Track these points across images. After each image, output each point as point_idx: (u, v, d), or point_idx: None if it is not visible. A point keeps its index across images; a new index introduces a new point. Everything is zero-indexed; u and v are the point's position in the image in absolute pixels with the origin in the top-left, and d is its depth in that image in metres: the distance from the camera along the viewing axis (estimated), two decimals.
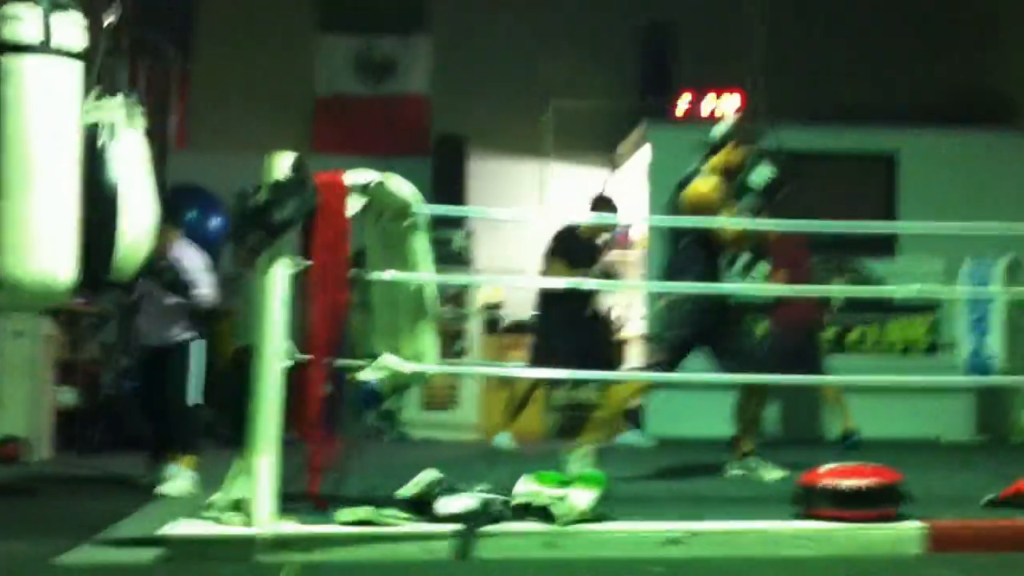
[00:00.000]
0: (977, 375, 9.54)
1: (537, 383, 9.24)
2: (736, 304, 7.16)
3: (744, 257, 8.63)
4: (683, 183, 6.91)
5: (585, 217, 9.40)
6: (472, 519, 5.03)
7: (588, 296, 9.21)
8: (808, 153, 10.35)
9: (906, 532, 5.27)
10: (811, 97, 10.71)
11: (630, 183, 10.93)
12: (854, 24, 11.29)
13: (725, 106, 10.53)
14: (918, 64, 10.91)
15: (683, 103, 10.52)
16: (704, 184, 6.77)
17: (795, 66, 11.07)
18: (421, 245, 5.54)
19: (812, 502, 5.41)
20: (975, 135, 10.29)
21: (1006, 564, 5.03)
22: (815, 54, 11.18)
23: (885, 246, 10.27)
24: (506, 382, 9.60)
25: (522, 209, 11.21)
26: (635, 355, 10.45)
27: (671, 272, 6.92)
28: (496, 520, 5.07)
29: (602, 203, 9.24)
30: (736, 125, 7.02)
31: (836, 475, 5.47)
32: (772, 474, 6.85)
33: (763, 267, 8.73)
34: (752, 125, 7.12)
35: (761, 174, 6.72)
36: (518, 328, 10.51)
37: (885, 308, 10.22)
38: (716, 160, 6.89)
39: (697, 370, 8.62)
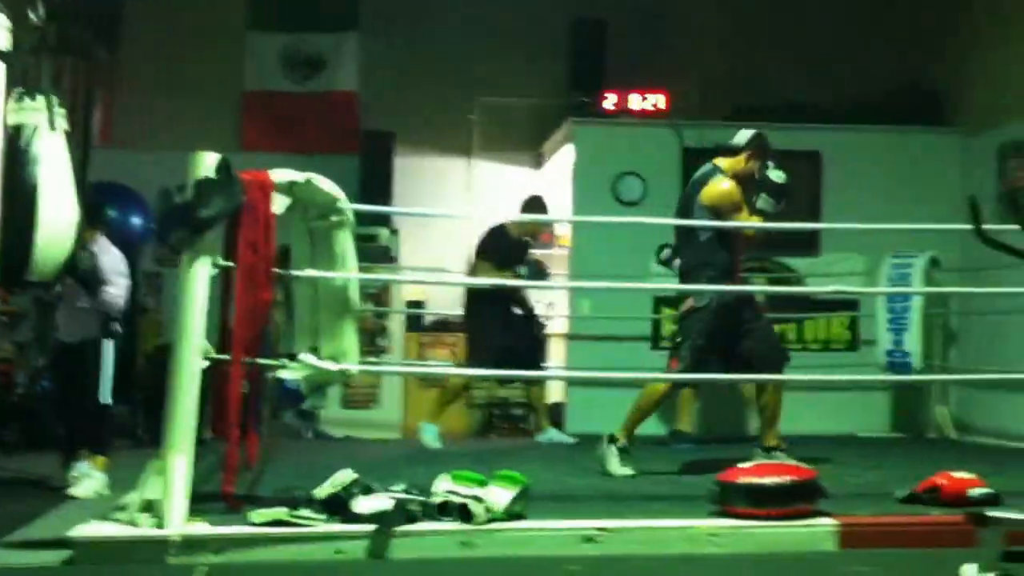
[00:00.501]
0: (894, 372, 9.65)
1: (467, 381, 9.24)
2: (752, 309, 7.24)
3: (665, 252, 8.73)
4: (698, 182, 7.12)
5: (514, 215, 9.40)
6: (387, 519, 5.00)
7: (517, 295, 9.19)
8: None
9: (820, 529, 5.32)
10: (738, 95, 10.76)
11: (555, 180, 10.94)
12: (783, 22, 11.36)
13: (652, 103, 10.55)
14: (847, 62, 10.99)
15: (610, 101, 10.53)
16: (726, 183, 6.99)
17: (723, 64, 11.13)
18: (345, 244, 5.54)
19: (729, 499, 5.45)
20: (901, 133, 10.41)
21: (918, 559, 5.08)
22: (743, 52, 11.24)
23: (808, 244, 10.36)
24: (430, 380, 9.58)
25: (448, 207, 11.18)
26: (557, 353, 10.46)
27: (688, 271, 7.15)
28: (412, 520, 5.06)
29: (534, 202, 9.24)
30: (756, 135, 7.21)
31: (753, 473, 5.52)
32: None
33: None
34: (766, 139, 7.22)
35: (777, 175, 7.07)
36: (442, 326, 10.50)
37: (806, 306, 10.29)
38: (731, 164, 7.11)
39: (623, 368, 8.74)
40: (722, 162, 7.16)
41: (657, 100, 10.54)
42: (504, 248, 8.98)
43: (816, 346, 10.52)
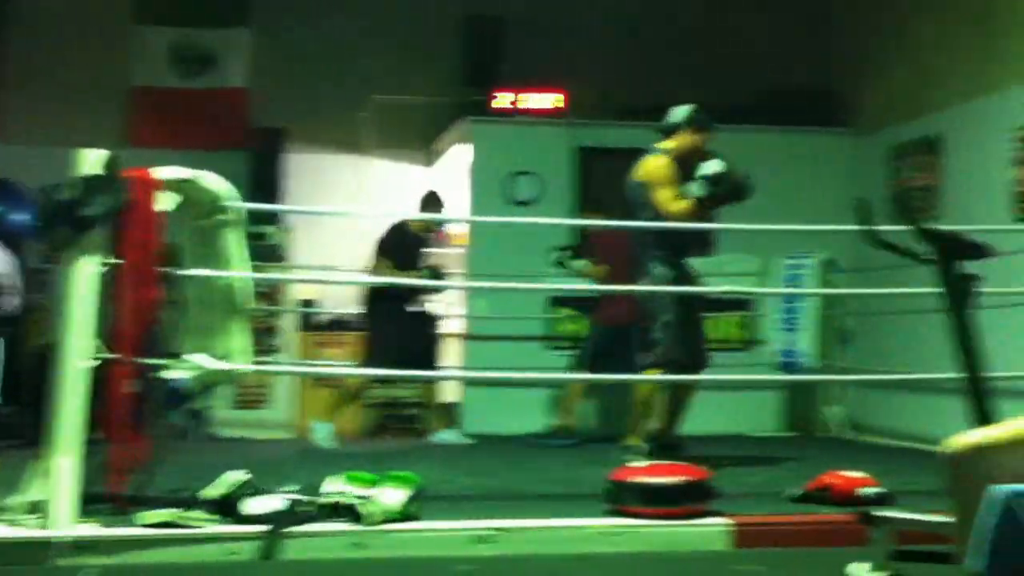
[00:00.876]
0: (788, 372, 9.75)
1: (367, 381, 9.15)
2: (700, 301, 7.33)
3: (557, 253, 8.75)
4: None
5: (411, 213, 9.32)
6: (277, 520, 4.94)
7: (415, 294, 9.11)
8: (630, 150, 10.45)
9: (713, 528, 5.34)
10: (634, 95, 10.80)
11: (449, 179, 10.89)
12: (679, 22, 11.43)
13: (547, 102, 10.55)
14: (741, 62, 11.08)
15: (505, 99, 10.50)
16: (653, 160, 7.03)
17: (619, 63, 11.16)
18: (234, 242, 5.48)
19: (622, 499, 5.46)
20: (795, 133, 10.51)
21: (809, 558, 5.12)
22: (639, 51, 11.28)
23: (705, 243, 10.38)
24: (323, 380, 9.48)
25: (340, 204, 11.05)
26: (453, 353, 10.40)
27: (636, 254, 7.21)
28: (303, 521, 5.00)
29: (431, 199, 9.17)
30: (692, 112, 7.19)
31: (646, 472, 5.53)
32: None
33: (580, 263, 8.87)
34: (706, 115, 7.21)
35: (709, 165, 6.92)
36: (335, 325, 10.38)
37: (700, 305, 10.31)
38: (668, 143, 7.14)
39: (520, 368, 8.72)
40: (663, 143, 7.17)
41: (553, 99, 10.53)
42: (404, 246, 8.90)
43: (712, 345, 10.55)
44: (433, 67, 11.25)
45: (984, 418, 3.90)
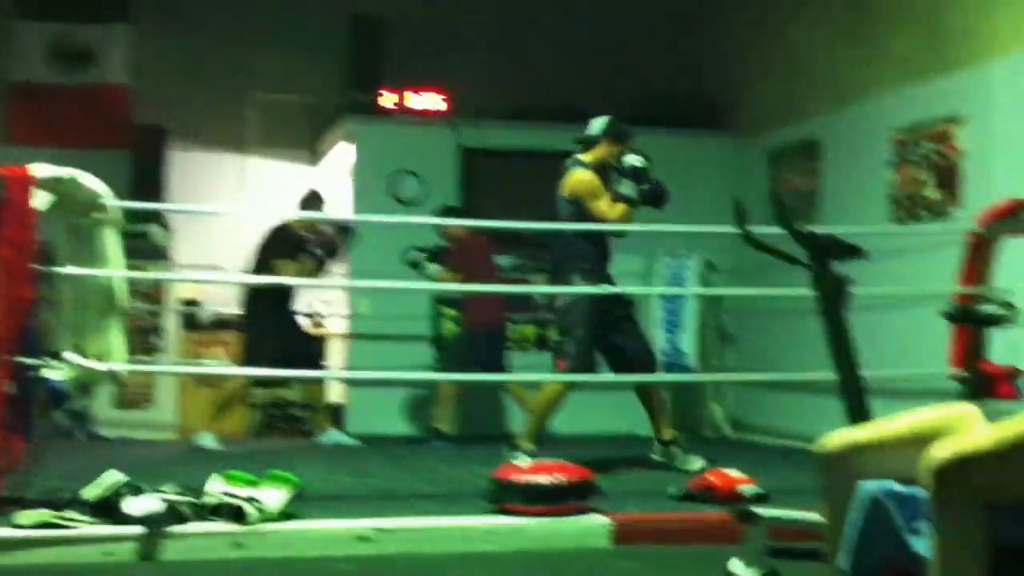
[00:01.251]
0: (670, 372, 9.84)
1: (247, 382, 9.04)
2: (624, 302, 7.31)
3: (413, 254, 8.73)
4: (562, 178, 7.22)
5: (293, 213, 9.21)
6: (157, 520, 4.89)
7: (292, 293, 9.03)
8: (514, 151, 10.51)
9: (594, 526, 5.39)
10: (518, 96, 10.83)
11: (334, 178, 10.81)
12: (563, 24, 11.48)
13: (431, 102, 10.53)
14: (625, 65, 11.17)
15: (390, 100, 10.45)
16: (578, 175, 7.11)
17: (503, 64, 11.18)
18: (111, 241, 5.44)
19: (504, 497, 5.48)
20: (677, 136, 10.60)
21: (688, 556, 5.18)
22: (523, 52, 11.30)
23: None
24: (207, 380, 9.34)
25: (224, 203, 10.90)
26: (335, 353, 10.34)
27: (556, 267, 7.23)
28: (182, 521, 4.94)
29: (312, 198, 9.07)
30: (609, 123, 7.28)
31: (528, 471, 5.55)
32: (694, 464, 7.05)
33: (434, 268, 8.88)
34: (624, 124, 7.33)
35: (635, 159, 7.13)
36: (218, 325, 10.24)
37: None
38: (590, 155, 7.20)
39: (405, 368, 8.70)
40: (582, 155, 7.23)
41: (436, 100, 10.51)
42: (287, 245, 8.80)
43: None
44: (318, 66, 11.14)
45: (859, 417, 3.95)
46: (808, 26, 9.74)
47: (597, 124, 7.29)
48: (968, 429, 2.66)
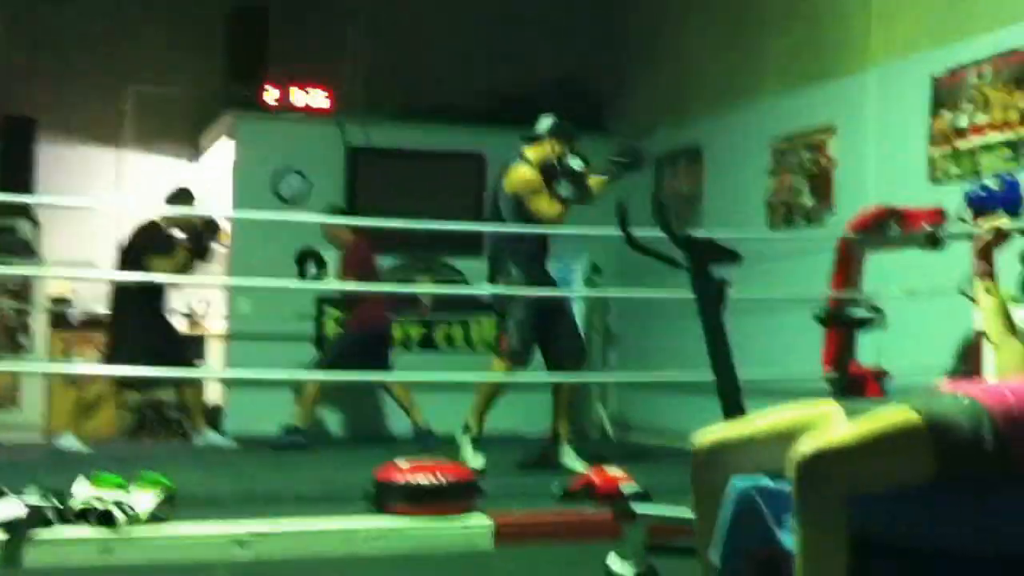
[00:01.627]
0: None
1: (113, 382, 8.77)
2: (560, 304, 7.42)
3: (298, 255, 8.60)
4: (503, 172, 7.31)
5: (165, 209, 8.96)
6: (20, 526, 4.70)
7: (164, 291, 8.76)
8: (400, 151, 10.42)
9: (476, 527, 5.36)
10: (404, 94, 10.74)
11: (214, 175, 10.60)
12: (447, 23, 11.41)
13: (315, 99, 10.37)
14: (512, 65, 11.13)
15: (272, 95, 10.26)
16: (524, 170, 7.17)
17: (390, 62, 11.05)
18: None
19: (387, 499, 5.42)
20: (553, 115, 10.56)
21: (569, 554, 5.17)
22: (410, 50, 11.20)
23: (473, 245, 10.38)
24: (75, 381, 9.07)
25: (98, 198, 10.57)
26: (215, 352, 10.15)
27: (495, 260, 7.28)
28: (47, 525, 4.77)
29: (181, 194, 8.82)
30: (555, 123, 7.35)
31: (411, 472, 5.49)
32: (577, 464, 7.06)
33: (324, 276, 8.76)
34: (571, 125, 7.41)
35: (575, 162, 7.24)
36: (89, 324, 9.95)
37: (471, 307, 10.35)
38: (535, 152, 7.26)
39: (279, 368, 8.55)
40: (527, 151, 7.29)
41: (321, 96, 10.35)
42: (158, 242, 8.56)
43: (482, 347, 10.60)
44: (198, 59, 10.88)
45: (734, 416, 3.99)
46: (693, 32, 9.82)
47: (545, 122, 7.39)
48: (830, 425, 2.75)
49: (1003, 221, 3.61)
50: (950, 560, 2.64)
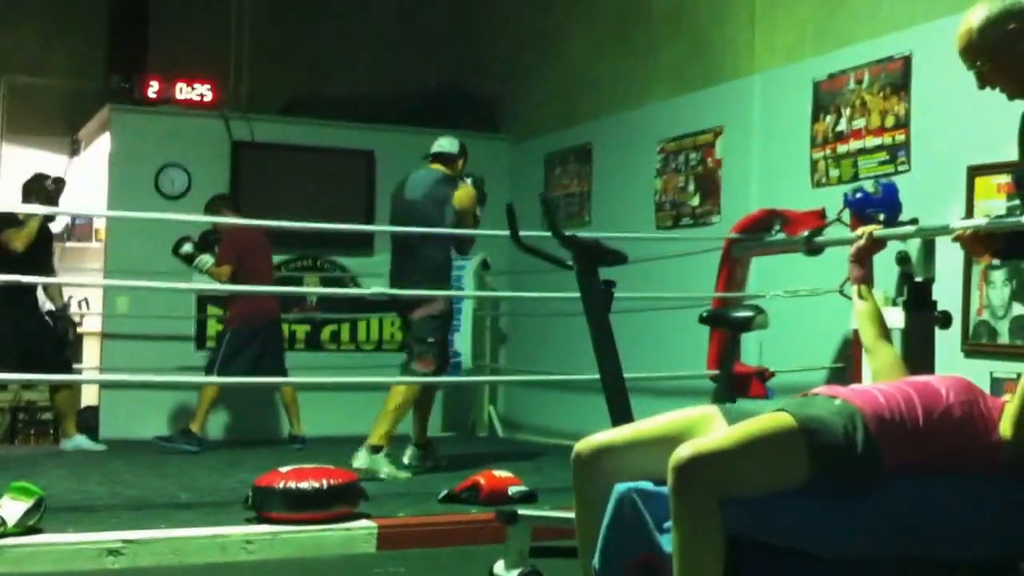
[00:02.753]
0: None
1: None
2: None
3: (187, 247, 8.37)
4: (422, 185, 7.32)
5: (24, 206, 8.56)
6: None
7: (34, 291, 8.44)
8: (287, 147, 10.25)
9: (358, 531, 5.31)
10: (291, 90, 10.60)
11: (94, 168, 10.34)
12: (335, 20, 11.30)
13: (199, 93, 10.15)
14: (402, 62, 11.07)
15: (154, 88, 10.00)
16: (469, 189, 7.28)
17: (274, 57, 10.89)
18: None
19: (266, 505, 5.31)
20: (455, 137, 10.49)
21: (453, 557, 5.15)
22: (296, 44, 11.06)
23: (362, 243, 10.29)
24: None
25: None
26: (93, 352, 9.88)
27: (422, 275, 7.13)
28: None
29: (35, 182, 8.44)
30: (463, 144, 7.52)
31: (292, 477, 5.39)
32: (402, 474, 7.01)
33: (205, 260, 8.49)
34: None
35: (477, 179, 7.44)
36: None
37: (359, 306, 10.25)
38: (450, 170, 7.37)
39: (167, 370, 8.37)
40: (443, 168, 7.36)
41: (204, 90, 10.12)
42: (11, 216, 8.22)
43: (369, 346, 10.51)
44: (76, 50, 10.62)
45: (620, 416, 3.99)
46: (582, 33, 9.83)
47: (454, 144, 7.48)
48: (708, 429, 2.83)
49: (877, 227, 3.67)
50: (824, 562, 2.67)
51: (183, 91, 9.98)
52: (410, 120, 10.49)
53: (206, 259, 8.37)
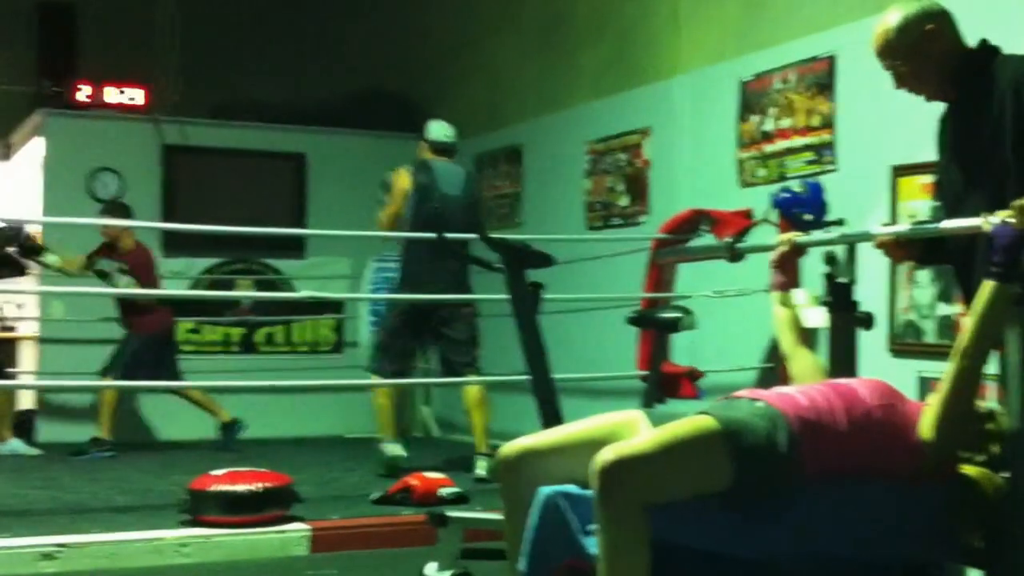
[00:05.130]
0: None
1: None
2: (431, 308, 7.11)
3: (103, 264, 8.34)
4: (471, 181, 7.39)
5: None
6: None
7: None
8: (218, 150, 10.24)
9: (292, 534, 5.35)
10: (220, 94, 10.57)
11: (26, 174, 10.26)
12: (269, 23, 11.28)
13: (130, 97, 10.08)
14: (331, 65, 11.07)
15: (84, 92, 9.93)
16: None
17: (204, 61, 10.83)
18: None
19: (200, 508, 5.35)
20: (381, 139, 10.53)
21: (386, 559, 5.19)
22: (226, 47, 11.03)
23: (294, 246, 10.31)
24: None
25: None
26: (29, 356, 9.81)
27: (460, 277, 7.04)
28: None
29: None
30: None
31: (225, 480, 5.41)
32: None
33: (53, 257, 8.48)
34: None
35: None
36: None
37: (292, 308, 10.26)
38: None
39: (94, 373, 8.32)
40: (450, 160, 7.36)
41: (135, 94, 10.07)
42: None
43: (304, 348, 10.51)
44: (6, 55, 10.51)
45: (549, 417, 4.05)
46: (509, 35, 9.88)
47: (453, 130, 7.46)
48: (633, 433, 2.82)
49: (798, 235, 3.74)
50: (747, 565, 2.72)
51: (113, 95, 9.94)
52: (343, 123, 10.51)
53: (53, 257, 8.42)
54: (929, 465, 2.82)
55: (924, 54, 3.36)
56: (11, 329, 10.06)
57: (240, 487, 5.35)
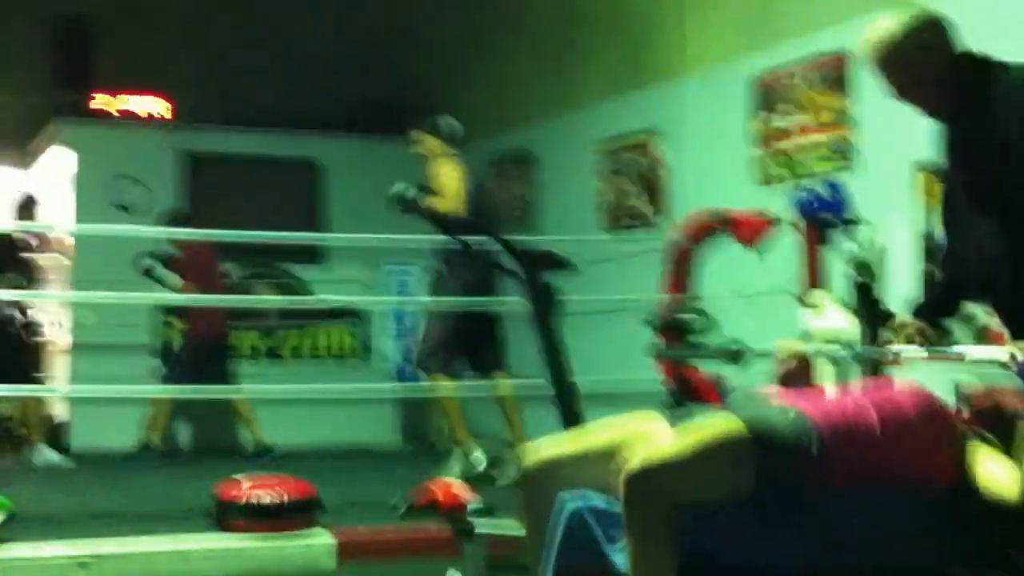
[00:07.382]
0: (402, 382, 9.80)
1: None
2: (488, 316, 7.16)
3: (146, 262, 8.40)
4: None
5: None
6: None
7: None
8: (234, 157, 10.28)
9: (318, 544, 5.32)
10: (236, 101, 10.61)
11: (47, 182, 10.31)
12: (280, 30, 11.32)
13: (147, 105, 10.13)
14: (345, 71, 11.10)
15: (104, 101, 9.99)
16: None
17: (219, 68, 10.89)
18: None
19: (228, 516, 5.36)
20: (396, 145, 10.52)
21: (411, 570, 5.20)
22: (241, 55, 11.07)
23: (311, 253, 10.31)
24: None
25: None
26: (59, 364, 9.85)
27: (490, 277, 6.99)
28: None
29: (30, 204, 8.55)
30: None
31: (252, 488, 5.43)
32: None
33: (170, 275, 8.57)
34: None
35: None
36: None
37: (312, 315, 10.27)
38: None
39: (134, 381, 8.35)
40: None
41: (154, 102, 10.15)
42: None
43: (324, 356, 10.50)
44: (23, 65, 10.56)
45: (571, 423, 4.04)
46: (520, 38, 9.89)
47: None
48: (656, 438, 2.74)
49: (802, 347, 3.70)
50: (775, 574, 2.67)
51: (132, 104, 10.01)
52: (351, 128, 10.52)
53: (169, 275, 8.49)
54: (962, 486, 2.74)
55: (922, 64, 3.29)
56: (41, 335, 10.10)
57: (266, 496, 5.36)
